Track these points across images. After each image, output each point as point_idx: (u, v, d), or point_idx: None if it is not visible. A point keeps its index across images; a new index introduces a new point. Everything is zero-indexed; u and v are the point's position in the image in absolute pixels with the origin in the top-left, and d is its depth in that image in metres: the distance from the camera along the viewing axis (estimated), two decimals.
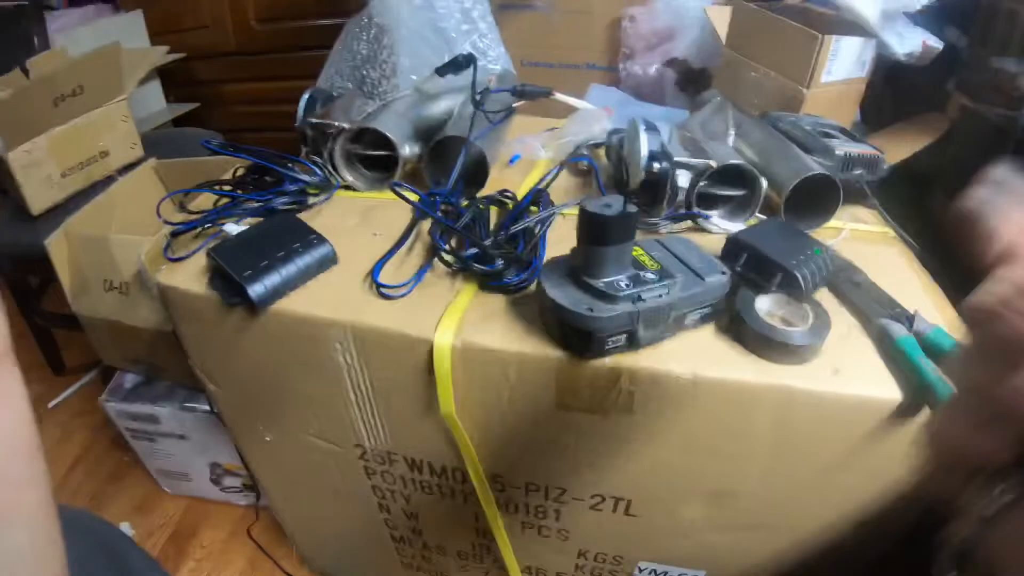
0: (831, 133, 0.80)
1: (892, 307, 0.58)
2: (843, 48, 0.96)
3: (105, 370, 1.51)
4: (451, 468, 0.68)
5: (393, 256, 0.63)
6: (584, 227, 0.49)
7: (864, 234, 0.72)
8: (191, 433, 1.07)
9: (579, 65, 1.47)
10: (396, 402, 0.62)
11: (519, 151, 0.80)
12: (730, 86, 1.05)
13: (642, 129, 0.63)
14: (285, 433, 0.74)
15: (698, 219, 0.67)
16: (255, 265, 0.60)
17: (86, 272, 1.06)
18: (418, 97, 0.81)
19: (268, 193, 0.72)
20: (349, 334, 0.58)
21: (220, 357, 0.69)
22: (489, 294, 0.59)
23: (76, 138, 1.26)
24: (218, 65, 1.92)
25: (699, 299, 0.53)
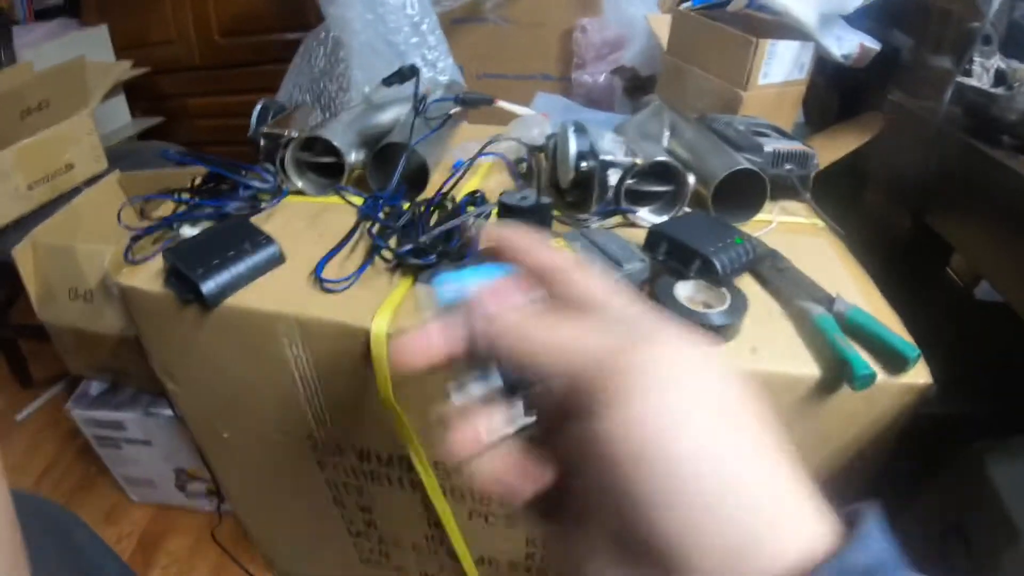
0: (764, 132, 0.84)
1: (813, 290, 0.61)
2: (779, 51, 1.00)
3: (72, 381, 1.51)
4: (397, 456, 0.70)
5: (337, 254, 0.66)
6: (502, 218, 0.52)
7: (794, 226, 0.76)
8: (155, 439, 1.09)
9: (534, 75, 1.51)
10: (341, 392, 0.65)
11: (461, 156, 0.84)
12: (672, 91, 1.10)
13: (571, 131, 0.67)
14: (241, 429, 0.77)
15: (627, 214, 0.71)
16: (207, 264, 0.63)
17: (52, 281, 1.07)
18: (366, 107, 0.84)
19: (222, 199, 0.75)
20: (295, 326, 0.61)
21: (178, 355, 0.72)
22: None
23: (42, 151, 1.27)
24: (182, 79, 1.95)
25: None
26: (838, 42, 1.12)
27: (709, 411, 0.20)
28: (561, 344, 0.21)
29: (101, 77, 1.47)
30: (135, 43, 1.84)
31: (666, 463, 0.19)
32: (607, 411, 0.19)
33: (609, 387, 0.20)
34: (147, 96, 1.93)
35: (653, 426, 0.19)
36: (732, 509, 0.18)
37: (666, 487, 0.19)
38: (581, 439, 0.20)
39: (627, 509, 0.19)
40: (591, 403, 0.20)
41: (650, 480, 0.19)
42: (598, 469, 0.20)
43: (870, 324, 0.56)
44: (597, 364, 0.20)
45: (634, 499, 0.19)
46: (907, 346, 0.53)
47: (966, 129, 0.78)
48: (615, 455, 0.19)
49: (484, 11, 1.40)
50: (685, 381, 0.20)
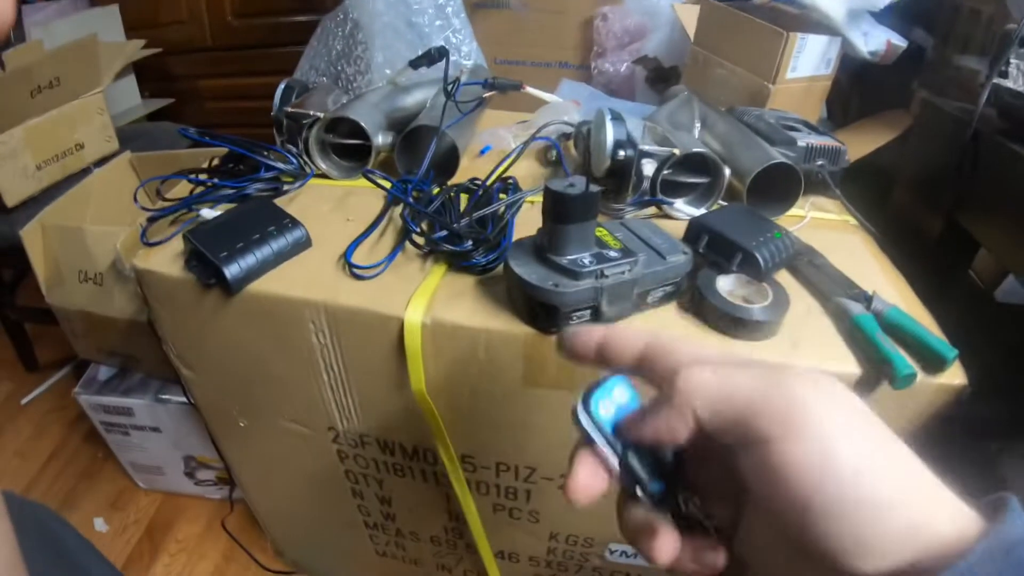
0: (795, 126, 0.82)
1: (850, 288, 0.60)
2: (808, 45, 0.99)
3: (79, 365, 1.50)
4: (423, 449, 0.69)
5: (366, 239, 0.64)
6: (549, 206, 0.51)
7: (826, 222, 0.75)
8: (165, 425, 1.07)
9: (551, 63, 1.49)
10: (368, 381, 0.64)
11: (489, 142, 0.82)
12: (698, 82, 1.08)
13: (608, 118, 0.65)
14: (259, 418, 0.75)
15: (662, 205, 0.70)
16: (231, 247, 0.61)
17: (61, 263, 1.05)
18: (392, 89, 0.82)
19: (243, 180, 0.73)
20: (323, 313, 0.59)
21: (195, 341, 0.70)
22: (458, 274, 0.60)
23: (52, 130, 1.25)
24: (194, 60, 1.93)
25: (661, 277, 0.55)
26: (865, 38, 1.11)
27: (861, 429, 0.23)
28: (720, 396, 0.25)
29: (113, 56, 1.45)
30: (146, 23, 1.82)
31: (838, 474, 0.22)
32: (786, 434, 0.23)
33: (780, 414, 0.23)
34: (157, 77, 1.91)
35: (825, 444, 0.22)
36: (894, 505, 0.22)
37: (841, 495, 0.22)
38: (757, 467, 0.24)
39: (806, 520, 0.22)
40: (767, 431, 0.23)
41: (826, 489, 0.22)
42: (775, 489, 0.23)
43: (908, 324, 0.55)
44: (763, 398, 0.24)
45: (814, 509, 0.22)
46: (945, 347, 0.53)
47: (1001, 131, 0.77)
48: (795, 473, 0.22)
49: None
50: (838, 404, 0.24)
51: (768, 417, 0.23)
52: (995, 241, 0.80)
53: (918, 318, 0.56)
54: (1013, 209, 0.75)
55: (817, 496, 0.22)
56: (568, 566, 0.81)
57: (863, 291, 0.59)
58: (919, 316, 0.57)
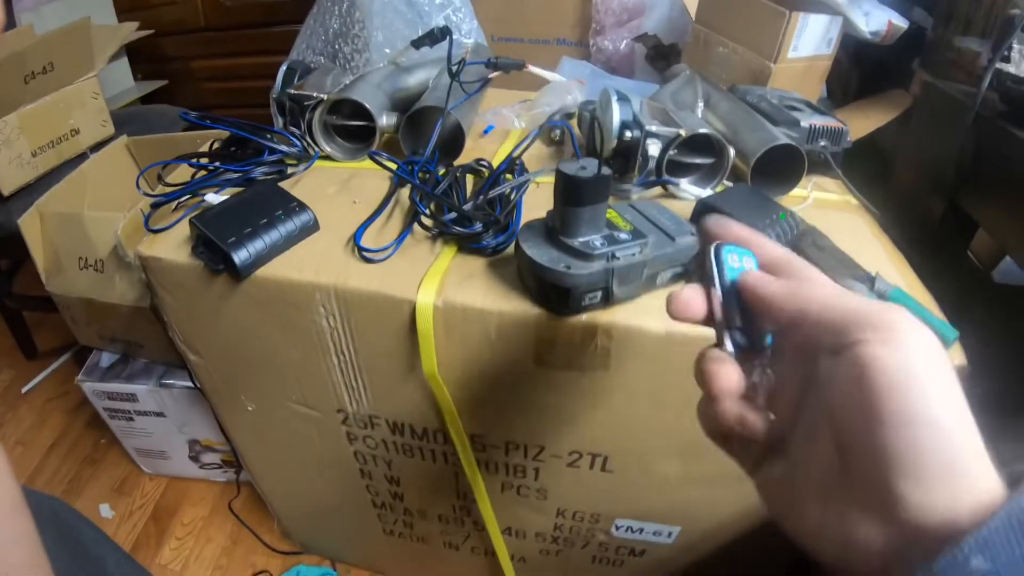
0: (797, 106, 0.82)
1: (854, 268, 0.61)
2: (810, 25, 0.99)
3: (78, 352, 1.50)
4: (432, 430, 0.69)
5: (374, 222, 0.64)
6: (560, 188, 0.51)
7: (828, 202, 0.75)
8: (169, 410, 1.07)
9: (549, 40, 1.48)
10: (379, 364, 0.64)
11: (493, 122, 0.82)
12: (699, 61, 1.08)
13: (614, 99, 0.65)
14: (267, 402, 0.75)
15: (668, 186, 0.70)
16: (239, 232, 0.61)
17: (60, 251, 1.05)
18: (394, 69, 0.82)
19: (247, 164, 0.73)
20: (333, 297, 0.59)
21: (203, 326, 0.70)
22: (468, 256, 0.60)
23: (46, 116, 1.24)
24: (187, 41, 1.90)
25: (671, 258, 0.55)
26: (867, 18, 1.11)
27: (943, 364, 0.24)
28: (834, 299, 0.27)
29: (106, 39, 1.43)
30: (137, 4, 1.79)
31: (922, 389, 0.23)
32: (884, 340, 0.24)
33: (884, 326, 0.25)
34: (150, 59, 1.88)
35: (917, 361, 0.24)
36: (960, 441, 0.23)
37: (916, 409, 0.23)
38: (844, 367, 0.25)
39: (873, 426, 0.24)
40: (866, 335, 0.25)
41: (906, 398, 0.23)
42: (855, 389, 0.24)
43: (910, 305, 0.56)
44: (870, 311, 0.26)
45: (886, 415, 0.23)
46: (947, 328, 0.53)
47: (1002, 115, 0.77)
48: (881, 375, 0.24)
49: None
50: (929, 339, 0.25)
51: (872, 325, 0.25)
52: (994, 223, 0.81)
53: (919, 299, 0.57)
54: (1013, 193, 0.76)
55: (894, 402, 0.23)
56: (574, 542, 0.83)
57: (866, 272, 0.60)
58: (920, 297, 0.58)
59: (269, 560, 1.10)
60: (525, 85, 0.91)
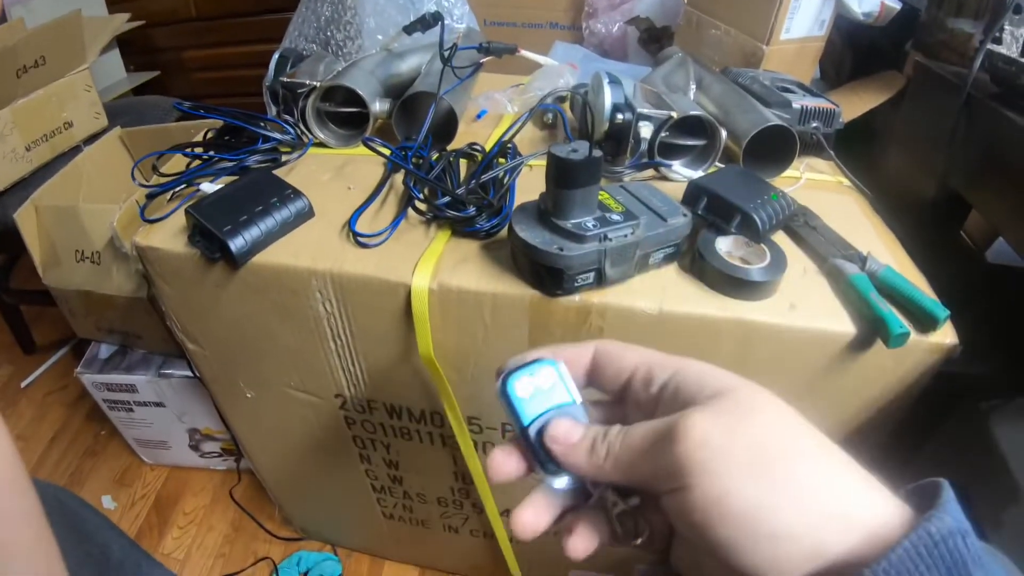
0: (789, 88, 0.83)
1: (845, 248, 0.61)
2: (803, 6, 0.99)
3: (77, 345, 1.50)
4: (429, 412, 0.70)
5: (368, 207, 0.65)
6: (552, 171, 0.51)
7: (820, 183, 0.76)
8: (169, 400, 1.08)
9: (542, 24, 1.47)
10: (375, 348, 0.65)
11: (486, 106, 0.82)
12: (691, 43, 1.08)
13: (606, 81, 0.66)
14: (266, 389, 0.76)
15: (660, 168, 0.70)
16: (234, 220, 0.61)
17: (56, 244, 1.05)
18: (386, 55, 0.82)
19: (241, 152, 0.73)
20: (329, 282, 0.60)
21: (201, 315, 0.70)
22: (462, 240, 0.61)
23: (40, 110, 1.23)
24: (178, 31, 1.89)
25: (663, 239, 0.56)
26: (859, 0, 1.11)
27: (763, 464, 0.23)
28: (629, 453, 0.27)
29: (97, 32, 1.42)
30: None
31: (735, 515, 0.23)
32: (685, 485, 0.24)
33: (675, 474, 0.24)
34: (141, 50, 1.87)
35: (721, 489, 0.23)
36: (795, 535, 0.22)
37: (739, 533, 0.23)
38: (668, 507, 0.25)
39: (718, 552, 0.23)
40: (666, 487, 0.25)
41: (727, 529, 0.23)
42: (686, 525, 0.24)
43: (901, 284, 0.56)
44: (654, 465, 0.25)
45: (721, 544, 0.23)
46: (937, 307, 0.54)
47: (994, 96, 0.78)
48: (699, 516, 0.23)
49: None
50: (740, 440, 0.24)
51: (665, 478, 0.25)
52: (987, 205, 0.81)
53: (911, 278, 0.57)
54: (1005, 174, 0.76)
55: (720, 533, 0.23)
56: None
57: (858, 252, 0.60)
58: (912, 276, 0.59)
59: (271, 547, 1.11)
60: (517, 69, 0.91)
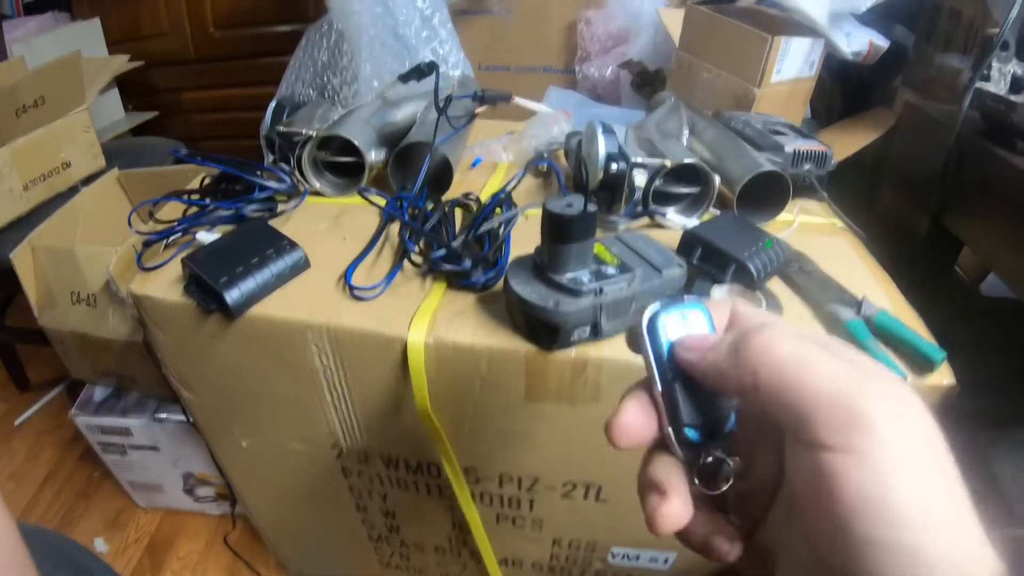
0: (781, 131, 0.84)
1: (841, 293, 0.62)
2: (792, 48, 1.00)
3: (71, 385, 1.49)
4: (426, 463, 0.70)
5: (364, 259, 0.65)
6: (548, 226, 0.51)
7: (814, 226, 0.76)
8: (163, 444, 1.07)
9: (536, 68, 1.50)
10: (371, 400, 0.64)
11: (481, 155, 0.83)
12: (684, 87, 1.09)
13: (599, 131, 0.66)
14: (262, 438, 0.75)
15: (655, 216, 0.71)
16: (231, 272, 0.61)
17: (53, 285, 1.05)
18: (382, 103, 0.83)
19: (238, 201, 0.73)
20: (325, 336, 0.60)
21: (196, 364, 0.70)
22: (458, 293, 0.61)
23: (38, 150, 1.24)
24: (177, 73, 1.91)
25: (658, 290, 0.56)
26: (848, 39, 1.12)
27: (928, 467, 0.20)
28: (792, 369, 0.22)
29: (97, 72, 1.44)
30: (127, 36, 1.80)
31: (892, 514, 0.19)
32: (845, 448, 0.20)
33: (843, 425, 0.20)
34: (141, 91, 1.89)
35: (885, 478, 0.20)
36: (938, 563, 0.19)
37: (886, 535, 0.19)
38: (806, 467, 0.21)
39: (838, 541, 0.20)
40: (824, 436, 0.21)
41: (875, 524, 0.20)
42: (819, 497, 0.21)
43: (897, 328, 0.56)
44: (831, 399, 0.21)
45: (854, 536, 0.20)
46: (933, 349, 0.54)
47: (983, 133, 0.78)
48: (847, 493, 0.20)
49: (489, 3, 1.38)
50: (911, 431, 0.21)
51: (829, 422, 0.21)
52: (978, 241, 0.82)
53: (906, 319, 0.57)
54: (995, 210, 0.77)
55: (861, 526, 0.20)
56: (571, 571, 0.82)
57: (853, 296, 0.61)
58: (907, 317, 0.59)
59: None
60: (512, 115, 0.92)
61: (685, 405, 0.25)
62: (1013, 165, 0.71)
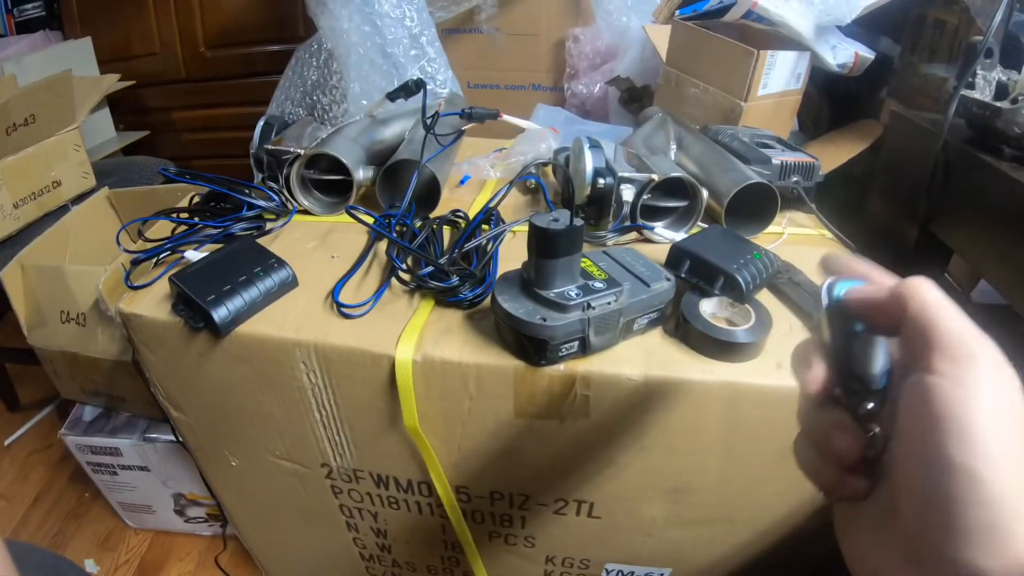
0: (768, 143, 0.84)
1: None
2: (778, 62, 1.01)
3: (61, 405, 1.48)
4: (417, 482, 0.69)
5: (352, 277, 0.65)
6: (534, 241, 0.51)
7: (803, 237, 0.76)
8: (153, 464, 1.06)
9: (524, 86, 1.52)
10: (361, 419, 0.64)
11: (469, 172, 0.83)
12: (671, 102, 1.10)
13: (586, 147, 0.66)
14: (251, 457, 0.75)
15: (643, 230, 0.71)
16: (218, 290, 0.61)
17: (42, 304, 1.04)
18: (370, 122, 0.83)
19: (226, 219, 0.73)
20: (313, 354, 0.59)
21: (184, 383, 0.70)
22: (446, 310, 0.61)
23: (28, 168, 1.24)
24: (167, 92, 1.92)
25: (646, 305, 0.56)
26: (833, 51, 1.13)
27: (1009, 414, 0.24)
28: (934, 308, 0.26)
29: (88, 91, 1.44)
30: (119, 55, 1.81)
31: (973, 438, 0.23)
32: (951, 374, 0.24)
33: (958, 357, 0.25)
34: (131, 109, 1.90)
35: (975, 407, 0.24)
36: (994, 495, 0.23)
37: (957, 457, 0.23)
38: (913, 392, 0.26)
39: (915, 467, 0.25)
40: (938, 363, 0.25)
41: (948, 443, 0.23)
42: (915, 419, 0.25)
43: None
44: (958, 336, 0.25)
45: (927, 458, 0.24)
46: None
47: (969, 140, 0.79)
48: (938, 409, 0.24)
49: (477, 22, 1.39)
50: (1003, 383, 0.25)
51: (948, 353, 0.25)
52: (967, 249, 0.82)
53: None
54: (983, 217, 0.77)
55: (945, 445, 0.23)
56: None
57: None
58: None
59: None
60: (500, 132, 0.92)
61: (854, 356, 0.30)
62: (1000, 171, 0.72)
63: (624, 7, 1.31)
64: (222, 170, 0.80)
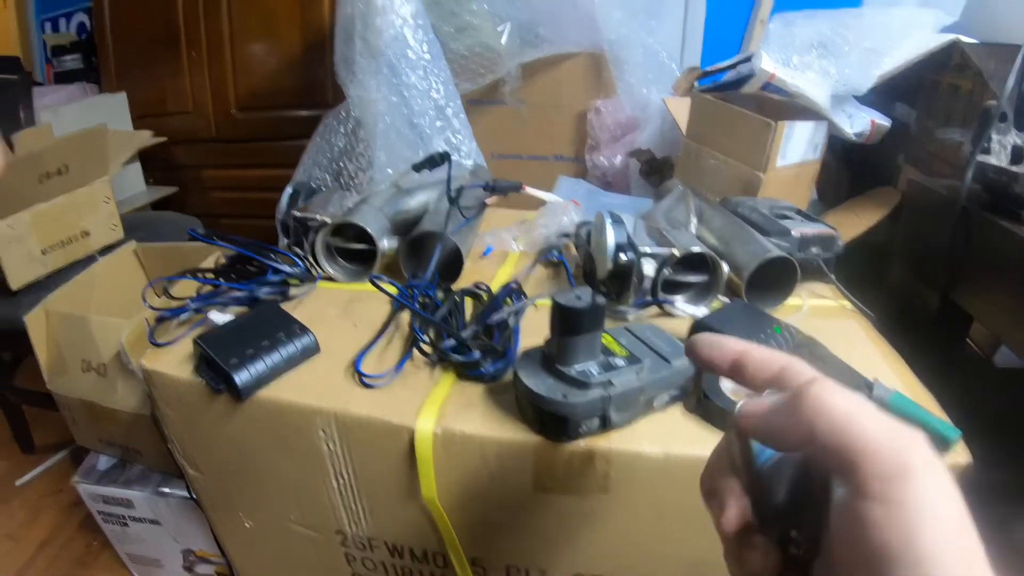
0: (787, 215, 0.85)
1: (852, 377, 0.61)
2: (796, 133, 1.03)
3: (76, 451, 1.49)
4: (432, 552, 0.68)
5: (374, 346, 0.66)
6: (557, 318, 0.52)
7: (823, 308, 0.76)
8: (165, 519, 1.05)
9: (547, 157, 1.54)
10: (378, 488, 0.64)
11: (492, 244, 0.84)
12: (691, 173, 1.11)
13: (608, 222, 0.68)
14: (266, 520, 0.74)
15: (664, 305, 0.71)
16: (241, 353, 0.62)
17: (64, 351, 1.06)
18: (395, 192, 0.85)
19: (251, 283, 0.75)
20: (333, 422, 0.60)
21: (202, 442, 0.70)
22: (467, 383, 0.61)
23: (59, 216, 1.27)
24: (198, 150, 1.97)
25: (667, 382, 0.56)
26: (850, 120, 1.15)
27: (957, 525, 0.22)
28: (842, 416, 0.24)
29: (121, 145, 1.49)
30: (152, 111, 1.87)
31: (916, 554, 0.21)
32: (883, 494, 0.22)
33: (888, 470, 0.22)
34: (162, 165, 1.95)
35: (917, 524, 0.21)
36: None
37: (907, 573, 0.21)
38: (846, 510, 0.23)
39: None
40: (867, 482, 0.22)
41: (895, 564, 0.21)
42: (854, 539, 0.23)
43: (911, 409, 0.56)
44: (878, 445, 0.23)
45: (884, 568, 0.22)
46: (949, 428, 0.54)
47: (987, 205, 0.79)
48: (876, 537, 0.22)
49: (502, 94, 1.42)
50: (945, 490, 0.22)
51: (876, 471, 0.22)
52: (988, 314, 0.82)
53: (919, 399, 0.57)
54: (1002, 283, 0.77)
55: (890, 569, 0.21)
56: None
57: (865, 379, 0.60)
58: (920, 398, 0.59)
59: None
60: (523, 204, 0.94)
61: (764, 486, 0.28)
62: (1018, 236, 0.72)
63: (645, 80, 1.34)
64: (247, 229, 0.82)
